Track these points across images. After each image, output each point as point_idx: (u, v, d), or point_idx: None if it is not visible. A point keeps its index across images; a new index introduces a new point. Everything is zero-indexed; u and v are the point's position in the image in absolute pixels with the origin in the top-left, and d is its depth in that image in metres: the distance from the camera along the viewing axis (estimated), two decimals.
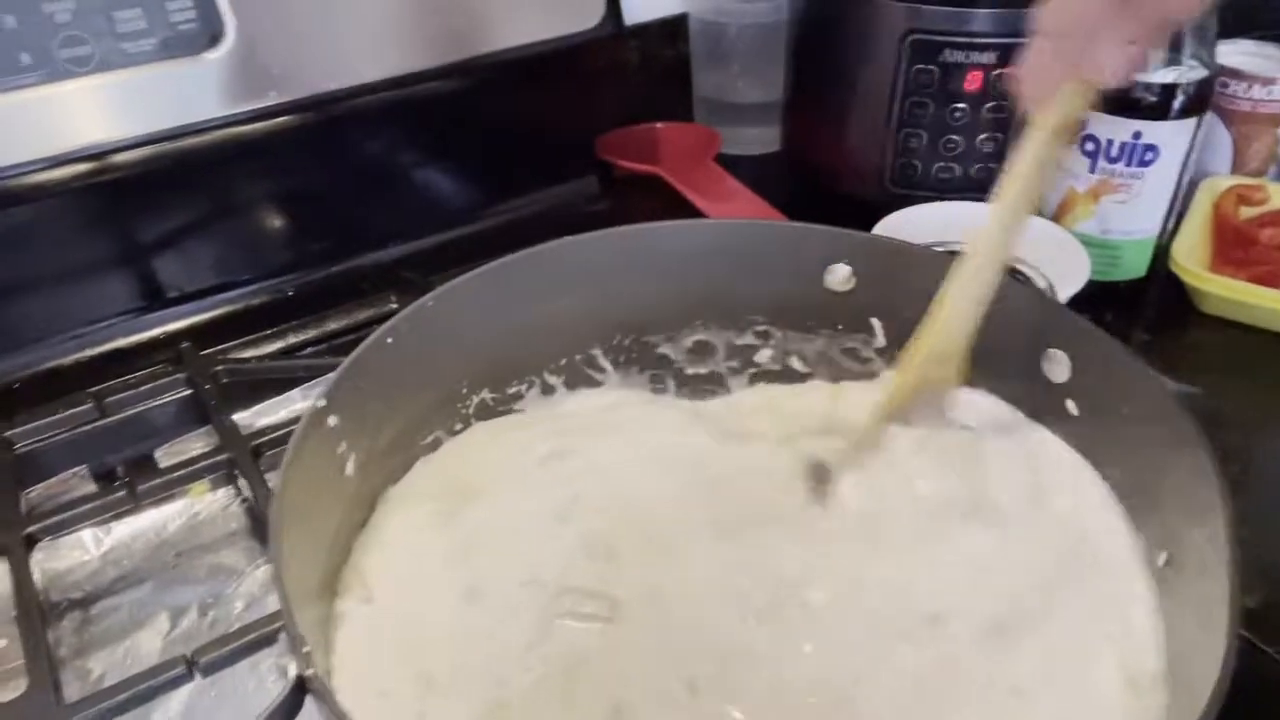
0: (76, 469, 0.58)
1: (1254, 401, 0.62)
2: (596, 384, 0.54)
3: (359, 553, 0.44)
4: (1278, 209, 0.72)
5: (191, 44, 0.58)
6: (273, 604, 0.48)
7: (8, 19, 0.53)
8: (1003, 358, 0.46)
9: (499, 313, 0.48)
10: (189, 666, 0.43)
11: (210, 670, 0.43)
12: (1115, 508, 0.42)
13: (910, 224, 0.64)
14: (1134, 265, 0.67)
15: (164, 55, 0.57)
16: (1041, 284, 0.45)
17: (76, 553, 0.54)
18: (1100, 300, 0.67)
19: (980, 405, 0.47)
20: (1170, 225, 0.67)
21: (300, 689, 0.30)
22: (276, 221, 0.68)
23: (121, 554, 0.55)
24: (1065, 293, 0.58)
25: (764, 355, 0.55)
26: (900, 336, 0.50)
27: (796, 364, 0.55)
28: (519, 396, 0.52)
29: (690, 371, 0.55)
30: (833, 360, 0.54)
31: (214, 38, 0.58)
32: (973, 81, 0.66)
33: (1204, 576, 0.32)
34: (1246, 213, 0.72)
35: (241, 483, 0.55)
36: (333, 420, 0.39)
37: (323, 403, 0.39)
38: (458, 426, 0.50)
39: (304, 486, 0.35)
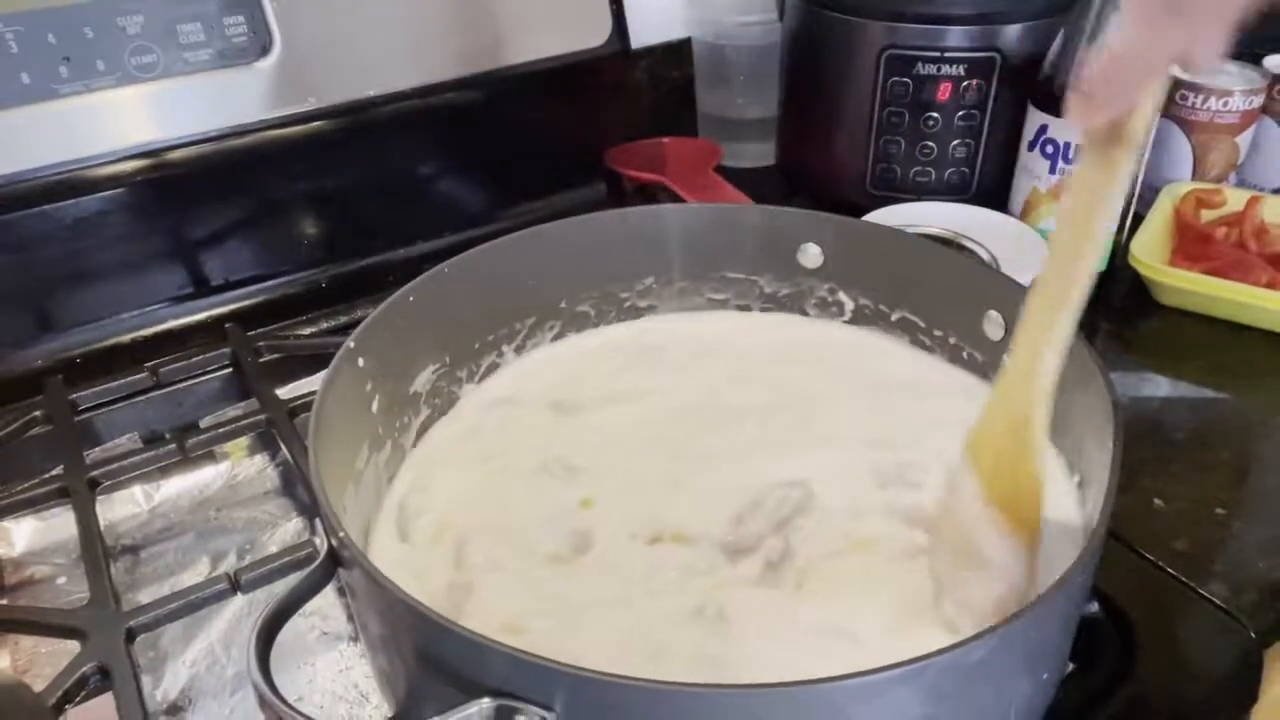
0: (130, 434, 0.65)
1: (1210, 382, 0.67)
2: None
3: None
4: (1235, 212, 0.77)
5: (244, 54, 0.65)
6: None
7: (86, 30, 0.61)
8: (951, 322, 0.52)
9: (507, 281, 0.55)
10: (232, 583, 0.48)
11: (250, 587, 0.49)
12: None
13: (889, 221, 0.70)
14: None
15: (219, 64, 0.65)
16: (984, 255, 0.51)
17: (129, 506, 0.61)
18: None
19: None
20: (1128, 222, 0.73)
21: (332, 560, 0.36)
22: (312, 218, 0.75)
23: (168, 509, 0.61)
24: (1024, 279, 0.63)
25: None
26: (863, 307, 0.57)
27: None
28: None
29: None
30: None
31: (264, 48, 0.66)
32: (944, 92, 0.72)
33: (1098, 482, 0.38)
34: (1207, 216, 0.78)
35: (277, 448, 0.61)
36: (361, 361, 0.46)
37: (352, 344, 0.45)
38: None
39: (336, 404, 0.42)
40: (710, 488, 0.48)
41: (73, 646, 0.46)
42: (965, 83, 0.72)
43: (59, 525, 0.58)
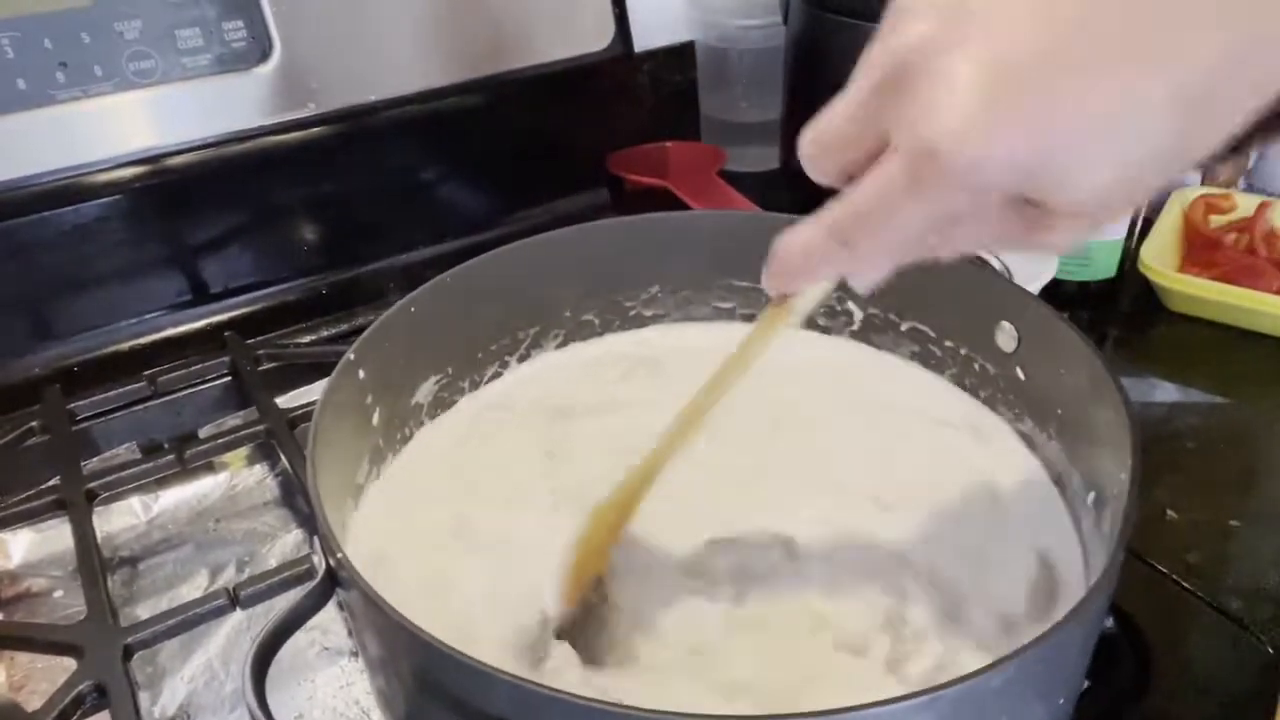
0: (128, 444, 0.64)
1: (1220, 389, 0.66)
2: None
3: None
4: (1245, 217, 0.76)
5: (243, 59, 0.65)
6: None
7: (83, 35, 0.60)
8: (962, 333, 0.51)
9: (510, 291, 0.54)
10: (231, 599, 0.48)
11: (249, 603, 0.48)
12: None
13: None
14: (1105, 266, 0.72)
15: (218, 70, 0.64)
16: (997, 266, 0.50)
17: (127, 518, 0.60)
18: (1075, 299, 0.72)
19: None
20: (1137, 229, 0.72)
21: (330, 579, 0.36)
22: (311, 224, 0.74)
23: (166, 520, 0.60)
24: (1034, 287, 0.63)
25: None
26: (872, 317, 0.56)
27: None
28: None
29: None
30: None
31: (263, 54, 0.65)
32: None
33: (1115, 501, 0.37)
34: (1216, 221, 0.77)
35: (277, 458, 0.60)
36: (361, 373, 0.45)
37: (352, 356, 0.44)
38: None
39: (336, 419, 0.41)
40: (679, 512, 0.45)
41: (69, 661, 0.45)
42: None
43: (56, 537, 0.57)
